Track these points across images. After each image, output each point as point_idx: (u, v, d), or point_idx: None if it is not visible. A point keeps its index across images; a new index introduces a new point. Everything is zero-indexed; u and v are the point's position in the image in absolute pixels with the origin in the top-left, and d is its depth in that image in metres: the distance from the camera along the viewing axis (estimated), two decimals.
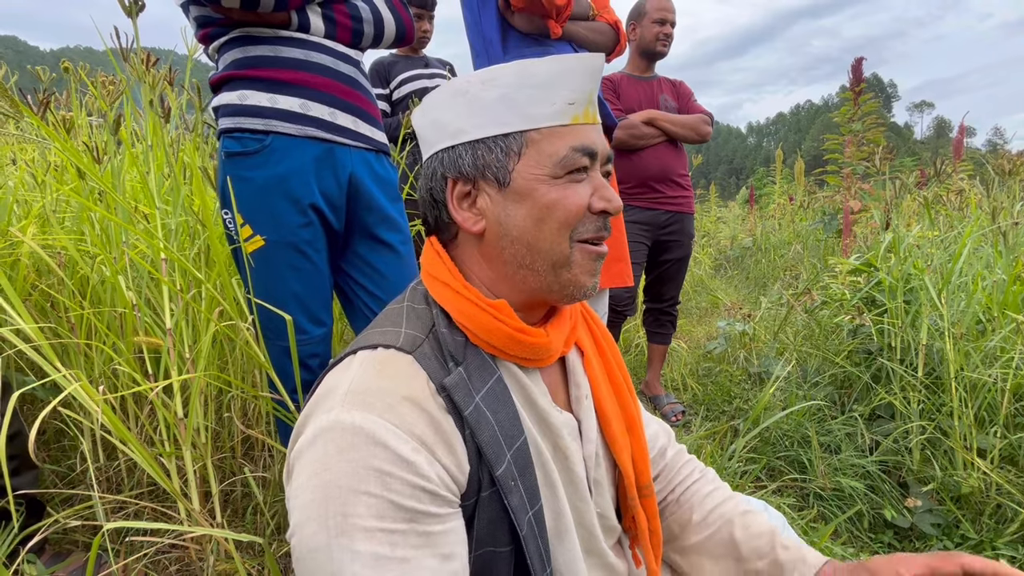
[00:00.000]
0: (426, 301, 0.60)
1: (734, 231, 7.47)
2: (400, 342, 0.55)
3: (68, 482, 1.42)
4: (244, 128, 1.08)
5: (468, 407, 0.52)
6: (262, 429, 1.53)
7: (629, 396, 0.69)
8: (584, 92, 0.57)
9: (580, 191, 0.56)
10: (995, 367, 1.54)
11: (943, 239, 2.23)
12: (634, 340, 3.13)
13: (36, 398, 1.43)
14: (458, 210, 0.59)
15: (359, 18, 1.18)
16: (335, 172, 1.14)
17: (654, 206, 2.22)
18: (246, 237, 1.09)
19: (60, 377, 0.84)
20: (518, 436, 0.55)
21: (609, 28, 1.66)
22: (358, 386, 0.51)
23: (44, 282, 1.44)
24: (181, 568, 1.25)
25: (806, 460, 1.70)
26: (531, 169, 0.56)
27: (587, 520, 0.63)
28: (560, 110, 0.56)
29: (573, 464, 0.61)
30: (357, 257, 1.24)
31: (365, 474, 0.46)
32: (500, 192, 0.57)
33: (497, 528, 0.54)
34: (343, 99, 1.16)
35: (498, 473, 0.52)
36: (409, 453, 0.47)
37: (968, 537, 1.38)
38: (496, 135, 0.57)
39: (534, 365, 0.60)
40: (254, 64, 1.09)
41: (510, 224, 0.57)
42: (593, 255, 0.58)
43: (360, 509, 0.45)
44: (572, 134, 0.56)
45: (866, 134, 3.63)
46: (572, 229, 0.56)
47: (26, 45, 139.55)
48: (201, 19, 1.10)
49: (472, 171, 0.58)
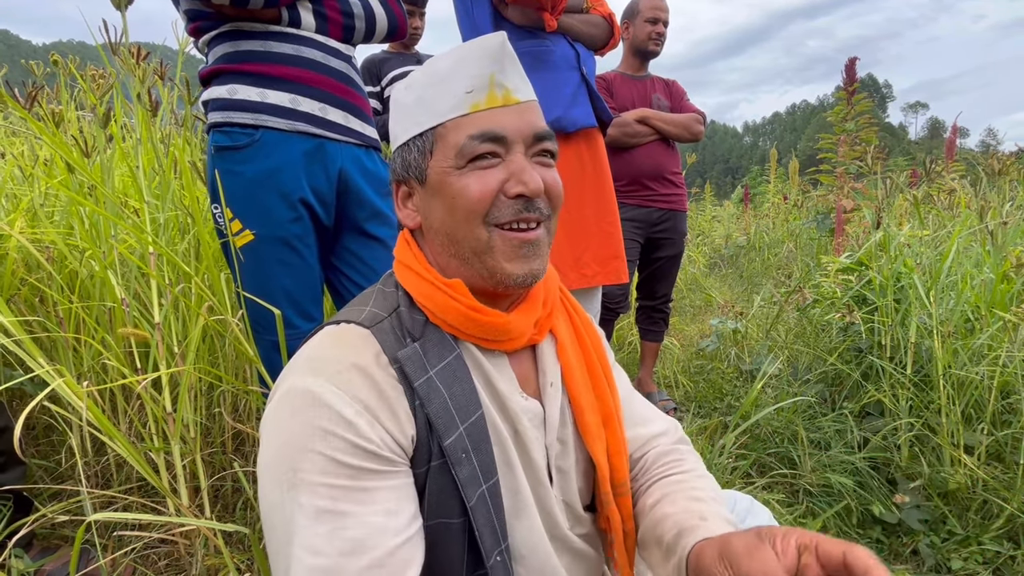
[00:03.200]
0: (395, 285, 0.63)
1: (729, 230, 7.49)
2: (360, 318, 0.58)
3: (56, 477, 1.41)
4: (234, 122, 1.07)
5: (419, 379, 0.54)
6: (252, 424, 1.53)
7: (608, 389, 0.68)
8: (482, 77, 0.57)
9: (486, 177, 0.56)
10: (982, 364, 1.56)
11: (933, 238, 2.25)
12: (627, 338, 3.14)
13: (25, 393, 1.42)
14: (401, 209, 0.64)
15: (350, 13, 1.17)
16: (325, 167, 1.14)
17: (647, 204, 2.23)
18: (236, 231, 1.09)
19: (45, 372, 0.84)
20: (474, 411, 0.57)
21: (603, 21, 1.66)
22: (313, 354, 0.55)
23: (33, 277, 1.43)
24: (170, 563, 1.24)
25: (796, 456, 1.71)
26: (440, 163, 0.58)
27: (547, 505, 0.63)
28: (459, 100, 0.57)
29: (531, 451, 0.61)
30: (347, 252, 1.24)
31: (311, 432, 0.49)
32: (422, 188, 0.60)
33: (448, 499, 0.55)
34: (334, 94, 1.15)
35: (447, 443, 0.54)
36: (351, 415, 0.50)
37: (955, 532, 1.40)
38: (413, 136, 0.60)
39: (496, 347, 0.61)
40: (244, 59, 1.08)
41: (433, 218, 0.60)
42: (515, 242, 0.57)
43: (306, 465, 0.48)
44: (471, 122, 0.56)
45: (859, 134, 3.65)
46: (484, 215, 0.57)
47: (18, 39, 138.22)
48: (191, 12, 1.10)
49: (403, 173, 0.62)
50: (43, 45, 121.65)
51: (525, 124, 0.58)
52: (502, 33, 0.58)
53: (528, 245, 0.58)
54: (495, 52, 0.57)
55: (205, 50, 1.14)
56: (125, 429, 1.36)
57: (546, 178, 0.59)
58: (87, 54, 2.82)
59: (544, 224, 0.60)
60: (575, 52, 1.59)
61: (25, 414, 0.81)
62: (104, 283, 1.29)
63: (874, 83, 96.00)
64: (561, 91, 1.55)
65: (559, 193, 0.60)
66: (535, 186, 0.56)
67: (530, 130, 0.58)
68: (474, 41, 0.57)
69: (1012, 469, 1.44)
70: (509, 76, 0.58)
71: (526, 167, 0.57)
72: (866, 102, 3.65)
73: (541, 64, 1.52)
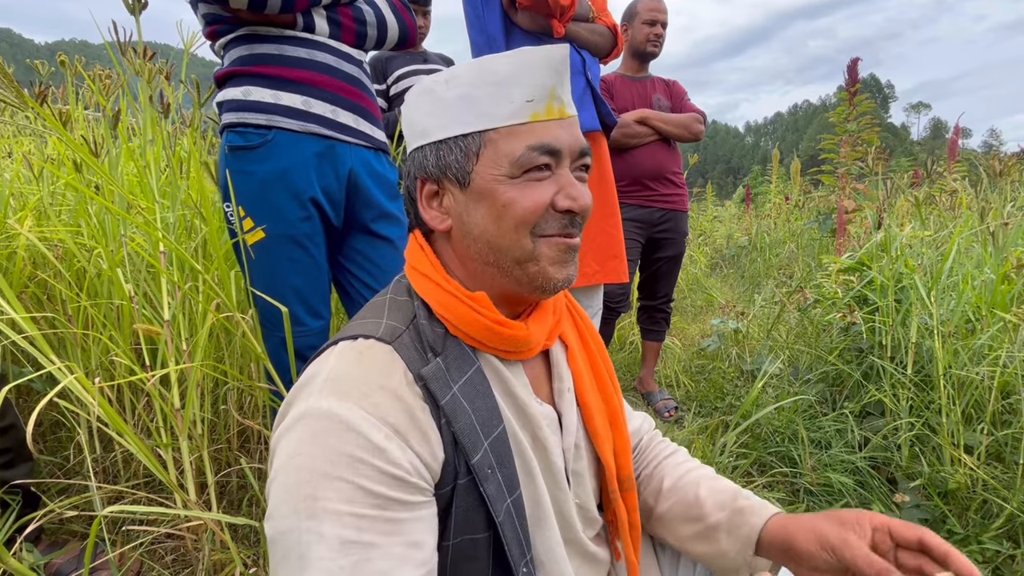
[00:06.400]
0: (408, 293, 0.61)
1: (730, 230, 7.49)
2: (380, 332, 0.56)
3: (65, 473, 1.43)
4: (247, 123, 1.10)
5: (444, 397, 0.53)
6: (258, 421, 1.54)
7: (613, 391, 0.69)
8: (544, 87, 0.55)
9: (540, 190, 0.55)
10: (983, 365, 1.56)
11: (934, 239, 2.26)
12: (628, 337, 3.14)
13: (32, 390, 1.44)
14: (426, 209, 0.60)
15: (363, 20, 1.20)
16: (335, 168, 1.16)
17: (648, 204, 2.24)
18: (247, 229, 1.11)
19: (55, 369, 0.85)
20: (496, 425, 0.56)
21: (608, 31, 1.70)
22: (336, 374, 0.52)
23: (41, 274, 1.45)
24: (177, 558, 1.26)
25: (796, 456, 1.72)
26: (489, 169, 0.56)
27: (565, 509, 0.64)
28: (518, 108, 0.55)
29: (552, 455, 0.61)
30: (355, 252, 1.26)
31: (337, 459, 0.47)
32: (462, 192, 0.57)
33: (475, 515, 0.55)
34: (345, 97, 1.18)
35: (474, 461, 0.53)
36: (381, 440, 0.48)
37: (954, 532, 1.40)
38: (456, 135, 0.56)
39: (515, 357, 0.61)
40: (259, 61, 1.11)
41: (471, 223, 0.57)
42: (562, 247, 0.57)
43: (330, 493, 0.46)
44: (530, 132, 0.55)
45: (861, 134, 3.65)
46: (532, 227, 0.56)
47: (20, 38, 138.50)
48: (209, 16, 1.13)
49: (436, 171, 0.58)
50: (46, 44, 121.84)
51: (575, 139, 0.57)
52: (566, 45, 0.57)
53: (571, 251, 0.58)
54: (559, 64, 0.56)
55: (221, 53, 1.17)
56: (133, 425, 1.37)
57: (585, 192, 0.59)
58: (89, 53, 2.83)
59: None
60: (581, 58, 1.63)
61: (37, 410, 0.82)
62: (112, 281, 1.30)
63: (876, 83, 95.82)
64: None
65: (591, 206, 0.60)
66: (584, 202, 0.56)
67: (578, 145, 0.58)
68: (538, 49, 0.55)
69: (1012, 469, 1.45)
70: (566, 90, 0.57)
71: (575, 183, 0.57)
72: (868, 102, 3.65)
73: None
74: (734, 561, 0.64)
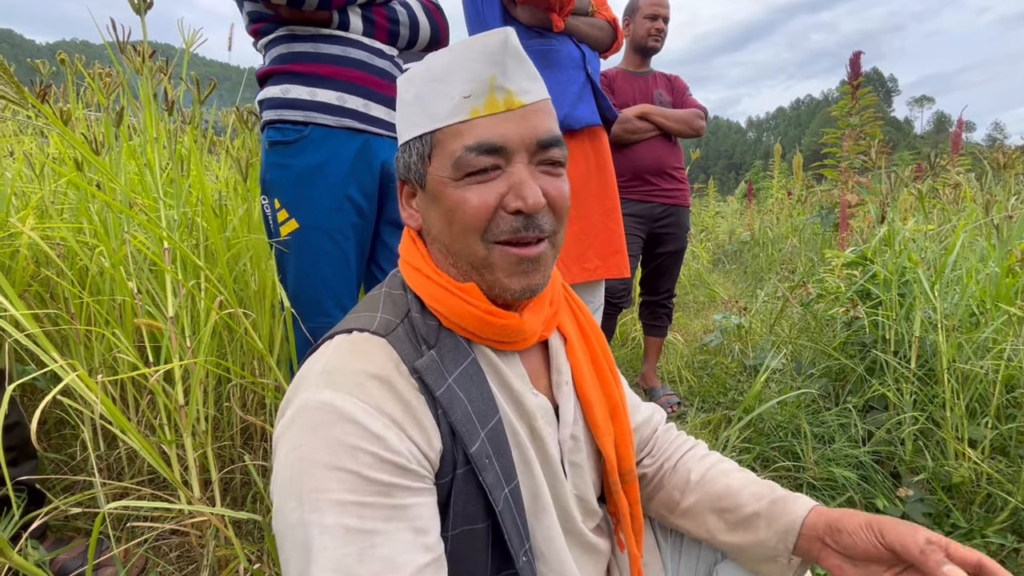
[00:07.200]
0: (403, 287, 0.61)
1: (732, 225, 7.47)
2: (374, 326, 0.56)
3: (69, 470, 1.43)
4: (285, 119, 1.16)
5: (440, 388, 0.53)
6: (262, 418, 1.54)
7: (613, 383, 0.69)
8: (482, 80, 0.52)
9: (485, 191, 0.53)
10: (987, 359, 1.56)
11: (938, 232, 2.25)
12: (630, 333, 3.14)
13: (35, 387, 1.44)
14: (404, 207, 0.62)
15: (396, 20, 1.25)
16: (369, 162, 1.21)
17: (649, 199, 2.24)
18: (282, 220, 1.16)
19: (58, 367, 0.85)
20: (492, 416, 0.56)
21: (608, 25, 1.69)
22: (331, 367, 0.52)
23: (44, 272, 1.45)
24: (181, 554, 1.26)
25: (799, 450, 1.71)
26: (438, 171, 0.54)
27: (563, 500, 0.64)
28: (456, 105, 0.52)
29: (548, 447, 0.61)
30: (384, 247, 1.32)
31: (337, 449, 0.47)
32: (423, 194, 0.58)
33: (474, 505, 0.55)
34: (376, 91, 1.23)
35: (472, 450, 0.53)
36: (379, 428, 0.48)
37: (958, 526, 1.40)
38: (413, 138, 0.56)
39: (510, 348, 0.60)
40: (296, 59, 1.16)
41: (431, 224, 0.58)
42: (514, 258, 0.54)
43: (332, 484, 0.46)
44: (469, 131, 0.52)
45: (864, 128, 3.64)
46: (483, 231, 0.54)
47: (21, 38, 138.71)
48: (254, 14, 1.18)
49: (404, 173, 0.59)
50: (46, 44, 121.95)
51: (528, 131, 0.53)
52: (505, 30, 0.53)
53: (528, 262, 0.55)
54: (495, 52, 0.52)
55: (263, 51, 1.22)
56: (136, 422, 1.37)
57: (549, 190, 0.54)
58: (90, 53, 2.85)
59: (548, 239, 0.56)
60: (581, 52, 1.63)
61: (41, 408, 0.83)
62: (114, 279, 1.31)
63: (879, 77, 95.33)
64: (567, 90, 1.58)
65: (565, 204, 0.56)
66: (534, 201, 0.52)
67: (533, 137, 0.53)
68: (474, 39, 0.52)
69: (1016, 463, 1.45)
70: (513, 77, 0.53)
71: (526, 180, 0.53)
72: (871, 96, 3.63)
73: (548, 63, 1.56)
74: (774, 549, 0.63)
